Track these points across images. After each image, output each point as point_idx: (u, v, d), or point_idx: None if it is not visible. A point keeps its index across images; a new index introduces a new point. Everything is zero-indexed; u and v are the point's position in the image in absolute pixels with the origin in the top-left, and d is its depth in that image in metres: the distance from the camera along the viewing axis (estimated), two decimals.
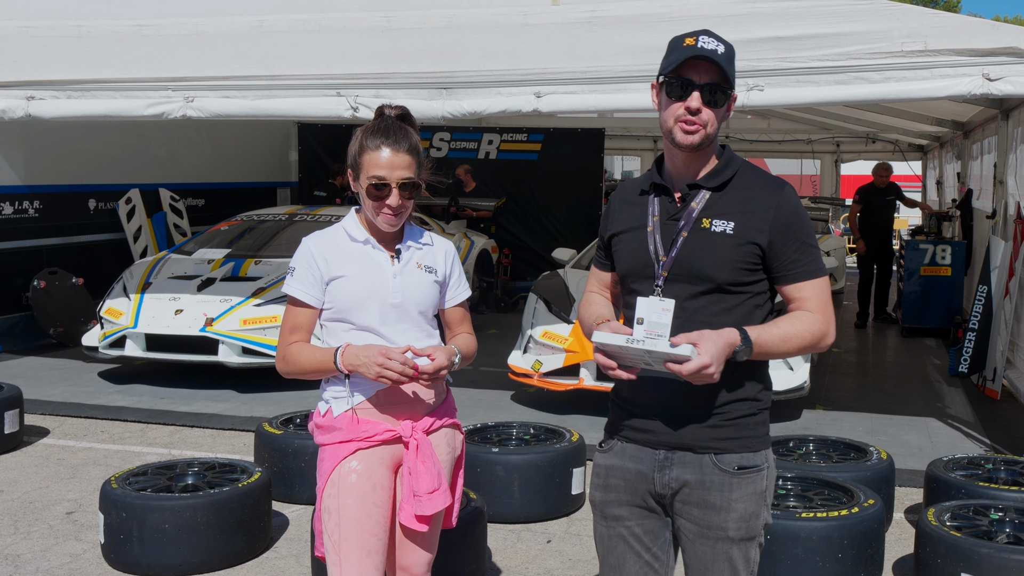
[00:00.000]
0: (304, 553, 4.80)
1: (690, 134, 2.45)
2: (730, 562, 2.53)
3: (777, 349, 2.44)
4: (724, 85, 2.45)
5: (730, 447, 2.51)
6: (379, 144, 2.84)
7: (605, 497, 2.65)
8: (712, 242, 2.47)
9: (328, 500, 2.85)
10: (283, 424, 5.78)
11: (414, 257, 2.96)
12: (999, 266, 7.95)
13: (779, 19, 5.91)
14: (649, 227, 2.54)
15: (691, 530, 2.55)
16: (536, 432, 5.71)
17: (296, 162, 14.67)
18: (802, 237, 2.50)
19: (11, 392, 6.56)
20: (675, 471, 2.53)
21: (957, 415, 7.64)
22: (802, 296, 2.51)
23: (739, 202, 2.50)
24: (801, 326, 2.47)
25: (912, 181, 17.35)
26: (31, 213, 10.33)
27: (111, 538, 4.55)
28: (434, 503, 2.88)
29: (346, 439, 2.87)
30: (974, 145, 11.31)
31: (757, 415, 2.55)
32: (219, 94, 6.93)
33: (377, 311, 2.87)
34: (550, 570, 4.68)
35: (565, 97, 6.34)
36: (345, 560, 2.80)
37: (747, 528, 2.53)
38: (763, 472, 2.55)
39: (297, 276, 2.93)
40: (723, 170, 2.54)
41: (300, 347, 2.91)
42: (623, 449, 2.61)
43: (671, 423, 2.52)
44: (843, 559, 4.22)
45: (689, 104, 2.43)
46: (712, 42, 2.44)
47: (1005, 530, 4.26)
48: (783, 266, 2.50)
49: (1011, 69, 5.52)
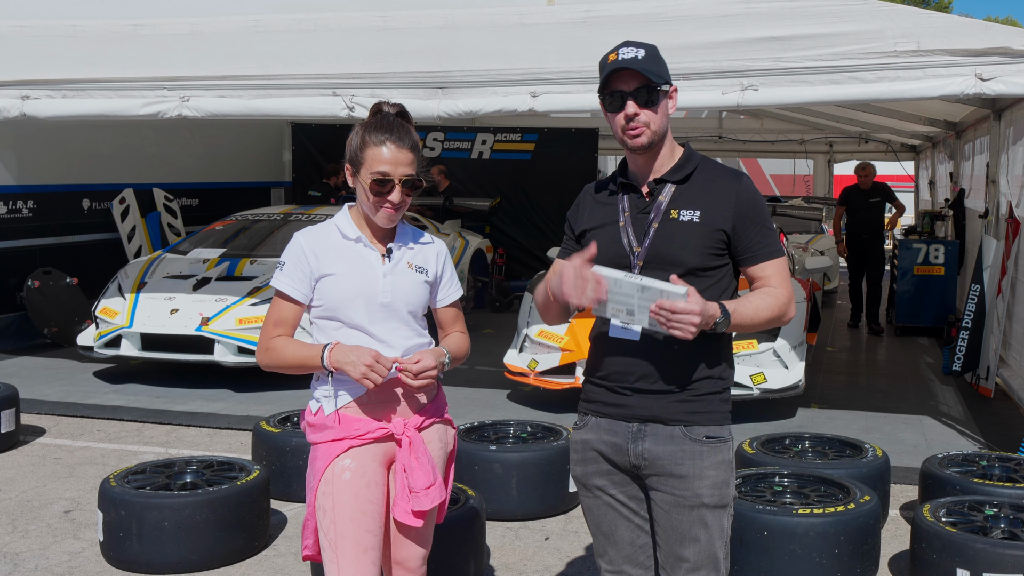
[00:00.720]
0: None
1: (636, 136, 2.65)
2: (706, 529, 2.68)
3: (750, 321, 2.63)
4: (653, 85, 2.63)
5: (698, 420, 2.69)
6: (383, 140, 2.84)
7: (585, 470, 2.80)
8: (681, 230, 2.66)
9: (323, 498, 2.85)
10: (280, 423, 5.80)
11: (405, 257, 2.96)
12: (992, 265, 7.99)
13: (773, 19, 5.95)
14: (621, 222, 2.72)
15: (666, 501, 2.70)
16: (533, 430, 5.73)
17: (290, 162, 14.68)
18: (762, 221, 2.71)
19: (7, 391, 6.56)
20: (647, 443, 2.69)
21: (951, 413, 7.69)
22: (766, 275, 2.71)
23: (702, 193, 2.70)
24: (770, 300, 2.66)
25: (905, 181, 17.43)
26: (25, 213, 10.32)
27: (110, 536, 4.55)
28: (431, 498, 2.90)
29: (338, 437, 2.87)
30: (966, 145, 11.37)
31: (722, 392, 2.74)
32: (215, 93, 6.94)
33: (365, 309, 2.87)
34: (548, 567, 4.70)
35: (560, 97, 6.37)
36: (342, 557, 2.81)
37: (720, 495, 2.69)
38: (729, 443, 2.74)
39: (286, 271, 2.92)
40: (685, 165, 2.74)
41: (284, 340, 2.91)
42: (597, 424, 2.77)
43: (643, 398, 2.69)
44: (840, 555, 4.25)
45: (626, 111, 2.63)
46: (631, 51, 2.64)
47: (1000, 526, 4.30)
48: (747, 248, 2.70)
49: (1004, 69, 5.56)
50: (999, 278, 7.82)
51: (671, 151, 2.74)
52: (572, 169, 13.73)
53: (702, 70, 5.92)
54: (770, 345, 7.17)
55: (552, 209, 13.75)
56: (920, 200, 16.79)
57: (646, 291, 2.45)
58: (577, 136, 13.97)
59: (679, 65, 6.06)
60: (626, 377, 2.70)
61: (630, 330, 2.65)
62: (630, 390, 2.70)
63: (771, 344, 7.18)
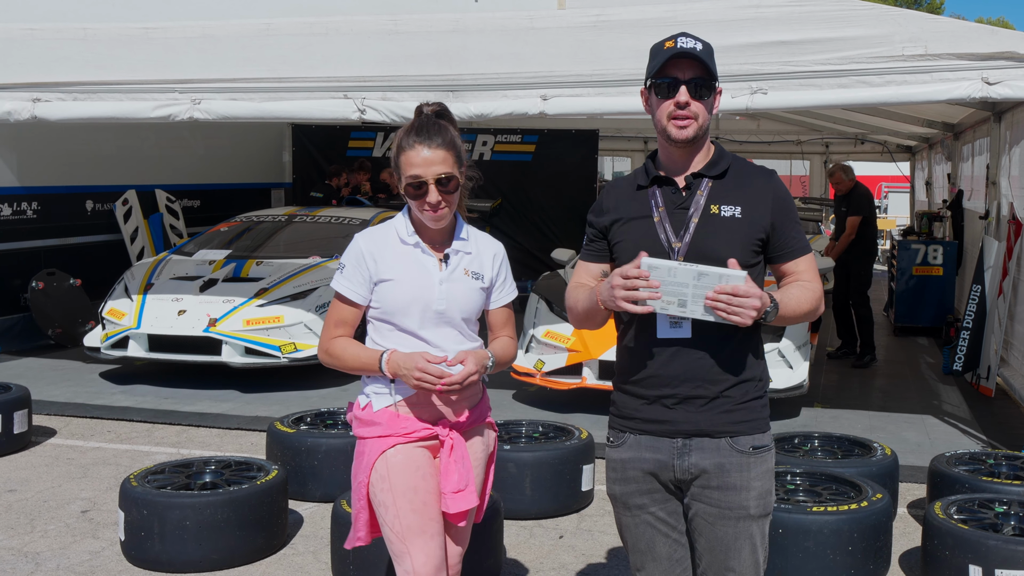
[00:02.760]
0: (321, 549, 4.87)
1: (683, 128, 2.60)
2: (750, 539, 2.67)
3: (793, 312, 2.61)
4: (708, 79, 2.60)
5: (743, 429, 2.66)
6: (413, 143, 2.88)
7: (625, 489, 2.75)
8: (724, 226, 2.63)
9: (381, 494, 2.91)
10: (294, 423, 5.85)
11: (462, 263, 3.00)
12: (993, 266, 8.08)
13: (782, 23, 6.02)
14: (655, 217, 2.66)
15: (711, 513, 2.66)
16: (545, 430, 5.79)
17: (290, 163, 14.70)
18: (795, 218, 2.72)
19: (19, 392, 6.60)
20: (694, 457, 2.65)
21: (953, 412, 7.77)
22: (799, 270, 2.70)
23: (739, 188, 2.67)
24: (808, 293, 2.66)
25: (900, 182, 17.53)
26: (29, 214, 10.35)
27: (132, 535, 4.60)
28: (457, 503, 2.95)
29: (385, 434, 2.93)
30: (964, 147, 11.46)
31: (761, 397, 2.72)
32: (226, 96, 6.99)
33: (419, 316, 2.92)
34: (565, 564, 4.76)
35: (571, 100, 6.42)
36: (412, 546, 2.88)
37: (764, 504, 2.69)
38: (772, 451, 2.74)
39: (346, 274, 2.97)
40: (719, 161, 2.71)
41: (345, 343, 2.98)
42: (637, 441, 2.71)
43: (688, 411, 2.64)
44: (853, 552, 4.32)
45: (678, 99, 2.58)
46: (690, 41, 2.60)
47: (1010, 523, 4.38)
48: (783, 244, 2.69)
49: (1010, 73, 5.64)
50: (1000, 279, 7.91)
51: (706, 148, 2.70)
52: (572, 170, 13.79)
53: None
54: (775, 345, 7.24)
55: (553, 210, 13.80)
56: (916, 201, 16.89)
57: (704, 277, 2.41)
58: (577, 137, 14.02)
59: None
60: (669, 381, 2.63)
61: (681, 327, 2.59)
62: (673, 398, 2.64)
63: (776, 344, 7.25)
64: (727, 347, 2.63)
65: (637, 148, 19.34)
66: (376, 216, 10.18)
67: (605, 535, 5.13)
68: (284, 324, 8.14)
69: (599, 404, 7.52)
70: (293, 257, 9.18)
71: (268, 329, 8.12)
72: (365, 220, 9.97)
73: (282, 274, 8.71)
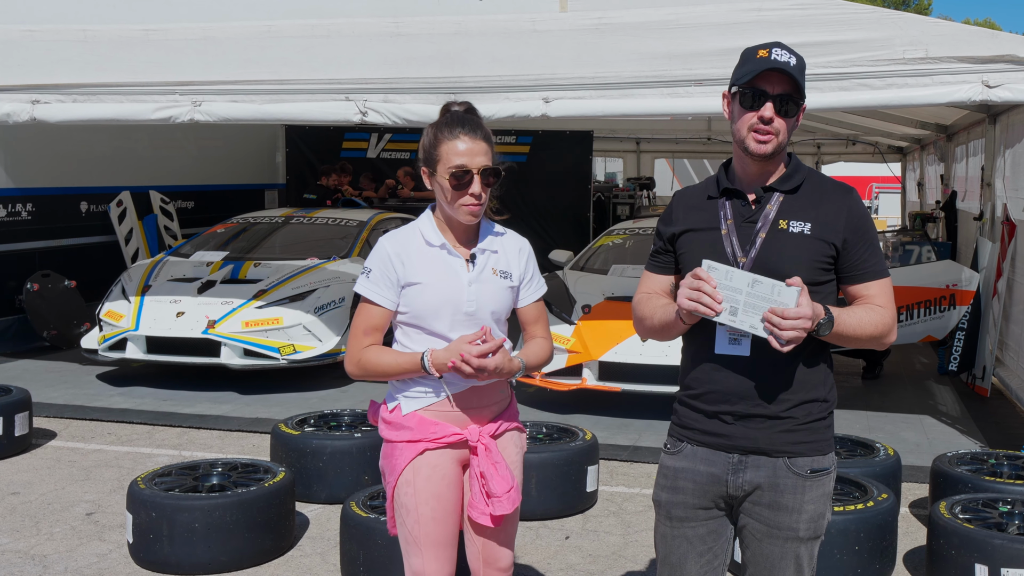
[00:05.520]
0: (328, 551, 4.88)
1: (763, 143, 2.55)
2: (796, 560, 2.62)
3: (852, 332, 2.53)
4: (796, 96, 2.55)
5: (803, 451, 2.60)
6: (457, 133, 2.85)
7: (672, 499, 2.70)
8: (791, 242, 2.56)
9: (405, 497, 2.92)
10: (299, 425, 5.86)
11: (489, 262, 2.98)
12: (987, 266, 8.14)
13: (783, 27, 6.04)
14: (723, 229, 2.62)
15: (759, 530, 2.63)
16: (549, 431, 5.81)
17: (283, 164, 14.69)
18: (871, 239, 2.62)
19: (20, 395, 6.58)
20: (748, 474, 2.61)
21: (950, 412, 7.82)
22: (870, 294, 2.61)
23: (812, 205, 2.60)
24: (875, 317, 2.58)
25: (891, 182, 17.63)
26: (24, 216, 10.32)
27: (140, 537, 4.60)
28: (511, 501, 2.95)
29: (415, 439, 2.92)
30: (957, 148, 11.53)
31: (826, 418, 2.65)
32: (227, 98, 6.98)
33: (449, 319, 2.90)
34: (572, 565, 4.79)
35: (573, 102, 6.44)
36: (427, 553, 2.90)
37: (815, 528, 2.62)
38: (832, 474, 2.66)
39: (373, 278, 2.92)
40: (793, 175, 2.65)
41: (379, 351, 2.92)
42: (694, 452, 2.67)
43: (747, 427, 2.60)
44: (859, 551, 4.36)
45: (763, 114, 2.53)
46: (785, 54, 2.54)
47: (1015, 522, 4.42)
48: (854, 265, 2.60)
49: (1010, 76, 5.69)
50: (995, 279, 7.97)
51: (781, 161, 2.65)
52: (567, 171, 13.83)
53: (713, 77, 6.01)
54: None
55: (547, 211, 13.81)
56: (908, 201, 16.99)
57: (757, 285, 2.40)
58: (572, 138, 14.05)
59: (690, 72, 6.18)
60: (727, 398, 2.59)
61: (740, 344, 2.56)
62: (731, 415, 2.60)
63: None
64: (790, 366, 2.57)
65: (629, 149, 19.41)
66: (374, 218, 10.18)
67: (611, 536, 5.16)
68: (283, 326, 8.14)
69: (599, 405, 7.56)
70: (291, 258, 9.18)
71: (267, 331, 8.12)
72: (362, 221, 9.97)
73: (280, 275, 8.71)
